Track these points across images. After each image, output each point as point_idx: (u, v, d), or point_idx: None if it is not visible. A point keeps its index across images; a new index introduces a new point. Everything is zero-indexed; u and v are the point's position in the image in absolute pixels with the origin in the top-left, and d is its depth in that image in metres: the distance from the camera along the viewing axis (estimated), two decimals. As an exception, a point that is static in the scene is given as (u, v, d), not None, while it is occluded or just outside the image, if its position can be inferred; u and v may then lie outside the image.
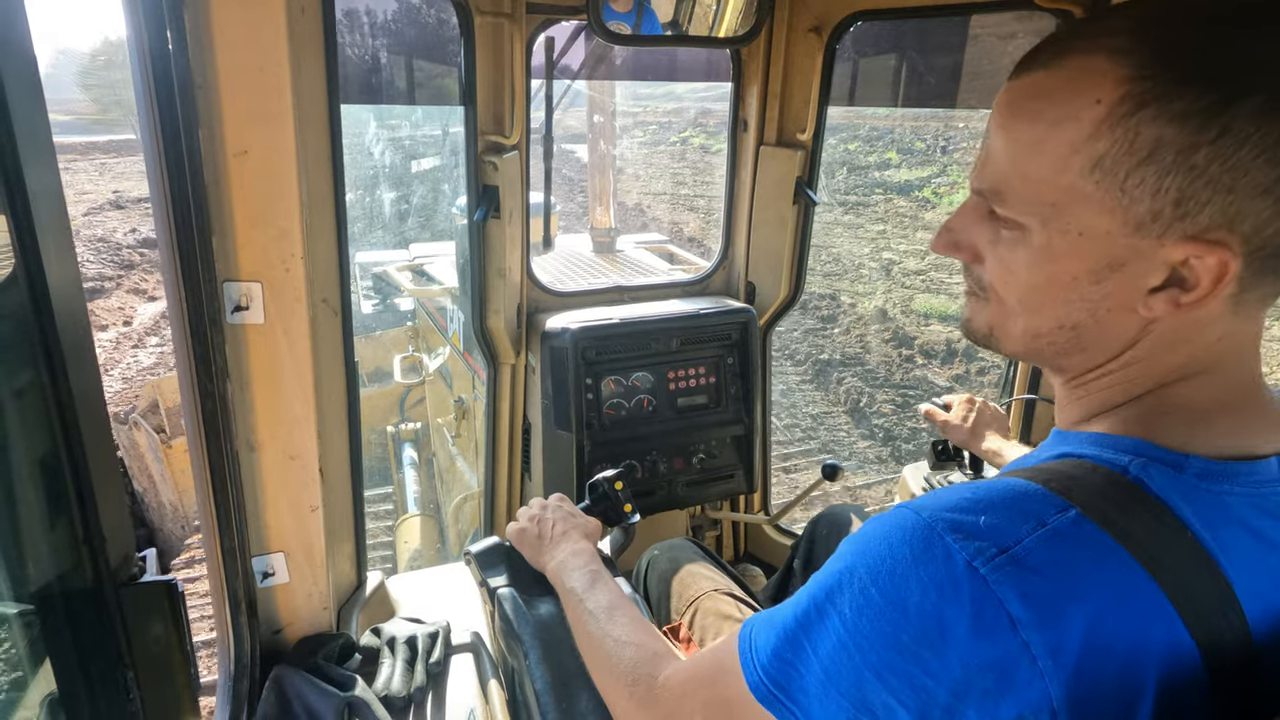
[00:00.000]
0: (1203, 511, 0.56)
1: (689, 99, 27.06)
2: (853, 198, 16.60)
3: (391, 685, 1.17)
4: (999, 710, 0.54)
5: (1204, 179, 0.53)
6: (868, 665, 0.58)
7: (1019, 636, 0.53)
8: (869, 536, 0.61)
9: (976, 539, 0.55)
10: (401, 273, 5.07)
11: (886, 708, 0.57)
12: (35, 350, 0.76)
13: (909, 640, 0.56)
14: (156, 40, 0.85)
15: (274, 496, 1.13)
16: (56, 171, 0.75)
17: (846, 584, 0.60)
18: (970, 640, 0.54)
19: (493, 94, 1.91)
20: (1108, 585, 0.54)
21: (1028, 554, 0.54)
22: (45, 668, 0.87)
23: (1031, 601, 0.53)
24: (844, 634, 0.59)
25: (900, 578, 0.57)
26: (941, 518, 0.57)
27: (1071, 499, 0.56)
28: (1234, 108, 0.51)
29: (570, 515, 1.34)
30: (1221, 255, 0.54)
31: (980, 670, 0.54)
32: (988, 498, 0.58)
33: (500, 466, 2.37)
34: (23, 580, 0.84)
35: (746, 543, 2.82)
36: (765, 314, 2.42)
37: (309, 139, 1.02)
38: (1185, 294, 0.57)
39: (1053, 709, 0.53)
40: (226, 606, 1.09)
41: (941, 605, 0.55)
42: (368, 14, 2.55)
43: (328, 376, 1.16)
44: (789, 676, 0.64)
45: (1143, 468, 0.58)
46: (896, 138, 19.27)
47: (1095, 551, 0.54)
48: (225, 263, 0.99)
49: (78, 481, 0.81)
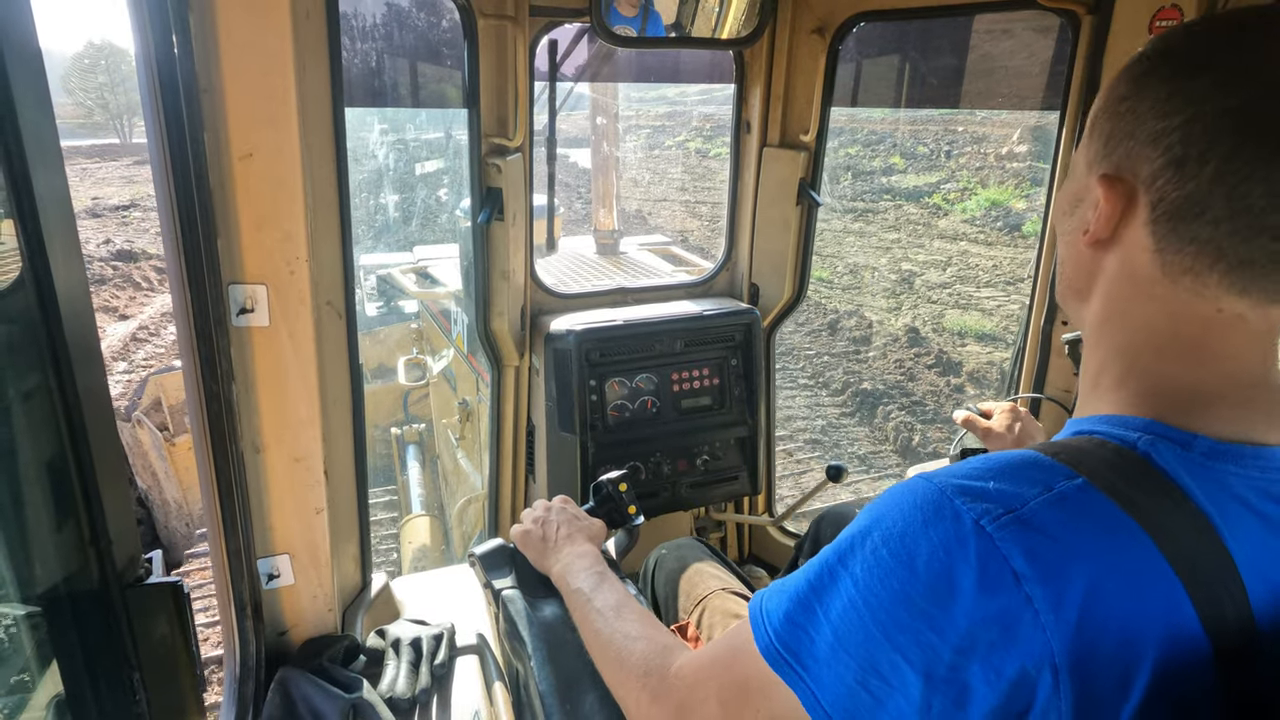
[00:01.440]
0: (1208, 489, 0.58)
1: (681, 103, 26.86)
2: (861, 204, 16.17)
3: (396, 687, 1.17)
4: (1002, 664, 0.55)
5: (1121, 123, 0.62)
6: (876, 623, 0.59)
7: (1022, 590, 0.54)
8: (882, 502, 0.63)
9: (984, 500, 0.57)
10: (406, 275, 5.08)
11: (893, 666, 0.58)
12: (42, 352, 0.77)
13: (917, 597, 0.57)
14: (162, 44, 0.85)
15: (279, 498, 1.14)
16: (63, 175, 0.75)
17: (859, 546, 0.62)
18: (975, 596, 0.55)
19: (496, 97, 1.91)
20: (1111, 548, 0.55)
21: (1033, 515, 0.56)
22: (52, 669, 0.87)
23: (1035, 557, 0.54)
24: (854, 594, 0.61)
25: (910, 538, 0.59)
26: (952, 483, 0.60)
27: (1079, 469, 0.58)
28: (1156, 69, 0.60)
29: (574, 518, 1.34)
30: (1116, 193, 0.62)
31: (984, 624, 0.55)
32: (998, 466, 0.60)
33: (504, 468, 2.37)
34: (29, 582, 0.85)
35: (751, 544, 2.81)
36: (769, 315, 2.42)
37: (313, 142, 1.03)
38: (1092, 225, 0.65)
39: (1054, 664, 0.53)
40: (232, 608, 1.10)
41: (949, 563, 0.57)
42: (372, 18, 2.56)
43: (332, 378, 1.16)
44: (800, 640, 0.65)
45: (1151, 444, 0.60)
46: (898, 142, 18.97)
47: (1100, 516, 0.56)
48: (230, 265, 1.00)
49: (84, 483, 0.82)
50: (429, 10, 2.51)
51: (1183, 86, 0.58)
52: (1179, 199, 0.58)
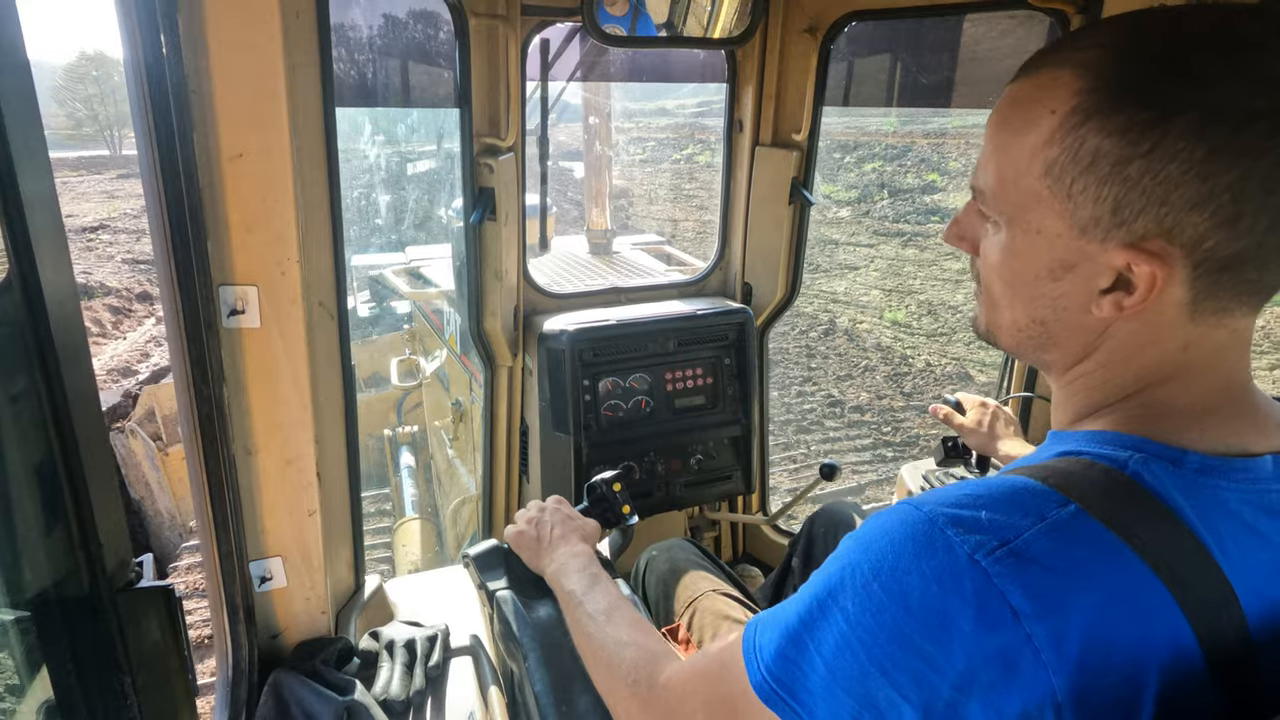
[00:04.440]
0: (1200, 507, 0.57)
1: (680, 114, 26.49)
2: (908, 226, 14.82)
3: (390, 689, 1.16)
4: (1002, 703, 0.54)
5: (1137, 190, 0.55)
6: (871, 660, 0.58)
7: (1022, 628, 0.53)
8: (870, 533, 0.62)
9: (978, 532, 0.56)
10: (398, 276, 5.06)
11: (890, 703, 0.57)
12: (30, 355, 0.76)
13: (912, 633, 0.56)
14: (150, 45, 0.85)
15: (271, 501, 1.13)
16: (50, 176, 0.74)
17: (849, 581, 0.61)
18: (973, 633, 0.54)
19: (488, 96, 1.91)
20: (1109, 578, 0.54)
21: (1028, 547, 0.54)
22: (42, 674, 0.86)
23: (1033, 593, 0.53)
24: (847, 630, 0.59)
25: (902, 572, 0.57)
26: (942, 513, 0.58)
27: (1070, 494, 0.57)
28: (1166, 123, 0.53)
29: (569, 518, 1.34)
30: (1155, 265, 0.57)
31: (984, 662, 0.54)
32: (988, 494, 0.59)
33: (498, 469, 2.37)
34: (18, 586, 0.84)
35: (745, 543, 2.82)
36: (762, 314, 2.42)
37: (304, 142, 1.02)
38: (1128, 298, 0.59)
39: (1056, 702, 0.53)
40: (224, 611, 1.09)
41: (944, 598, 0.55)
42: (363, 17, 2.55)
43: (324, 380, 1.15)
44: (793, 676, 0.64)
45: (1142, 463, 0.59)
46: (924, 157, 17.77)
47: (1096, 545, 0.55)
48: (221, 266, 0.99)
49: (74, 486, 0.81)
50: (420, 9, 2.50)
51: (1221, 143, 0.52)
52: (1230, 255, 0.55)
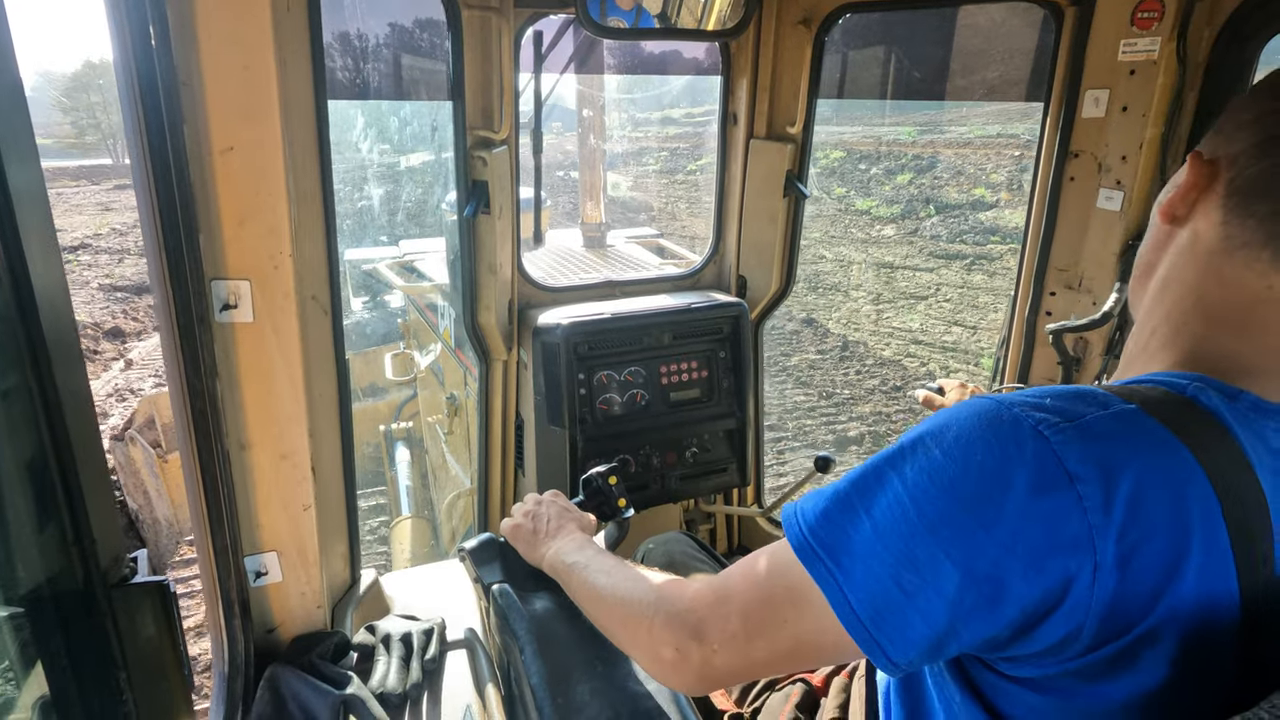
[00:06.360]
0: (1249, 437, 0.60)
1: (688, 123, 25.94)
2: (966, 247, 13.50)
3: (387, 682, 1.17)
4: (1044, 562, 0.56)
5: (1230, 113, 0.66)
6: (922, 518, 0.60)
7: (1074, 490, 0.56)
8: (938, 415, 0.64)
9: (1044, 411, 0.59)
10: (392, 270, 5.05)
11: (931, 559, 0.59)
12: (21, 351, 0.75)
13: (968, 493, 0.59)
14: (139, 38, 0.84)
15: (266, 495, 1.13)
16: (40, 172, 0.74)
17: (910, 451, 0.63)
18: (1027, 495, 0.57)
19: (481, 89, 1.90)
20: (1161, 461, 0.57)
21: (1090, 425, 0.58)
22: (37, 671, 0.86)
23: (1089, 460, 0.56)
24: (902, 492, 0.62)
25: (966, 440, 0.60)
26: (1010, 398, 0.62)
27: (1132, 399, 0.61)
28: (1245, 68, 0.67)
29: (565, 510, 1.34)
30: (1199, 168, 0.66)
31: (1032, 522, 0.56)
32: (1054, 391, 0.63)
33: (493, 463, 2.37)
34: (13, 583, 0.84)
35: (740, 535, 2.83)
36: (757, 307, 2.42)
37: (296, 135, 1.02)
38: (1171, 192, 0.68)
39: (1095, 561, 0.55)
40: (220, 606, 1.09)
41: (1004, 460, 0.58)
42: (354, 10, 2.53)
43: (318, 374, 1.15)
44: (834, 536, 0.65)
45: (1200, 390, 0.62)
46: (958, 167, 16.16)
47: (1152, 434, 0.58)
48: (213, 261, 0.98)
49: (66, 482, 0.81)
50: (413, 1, 2.48)
51: (1267, 84, 0.63)
52: (1254, 175, 0.62)
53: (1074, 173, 1.80)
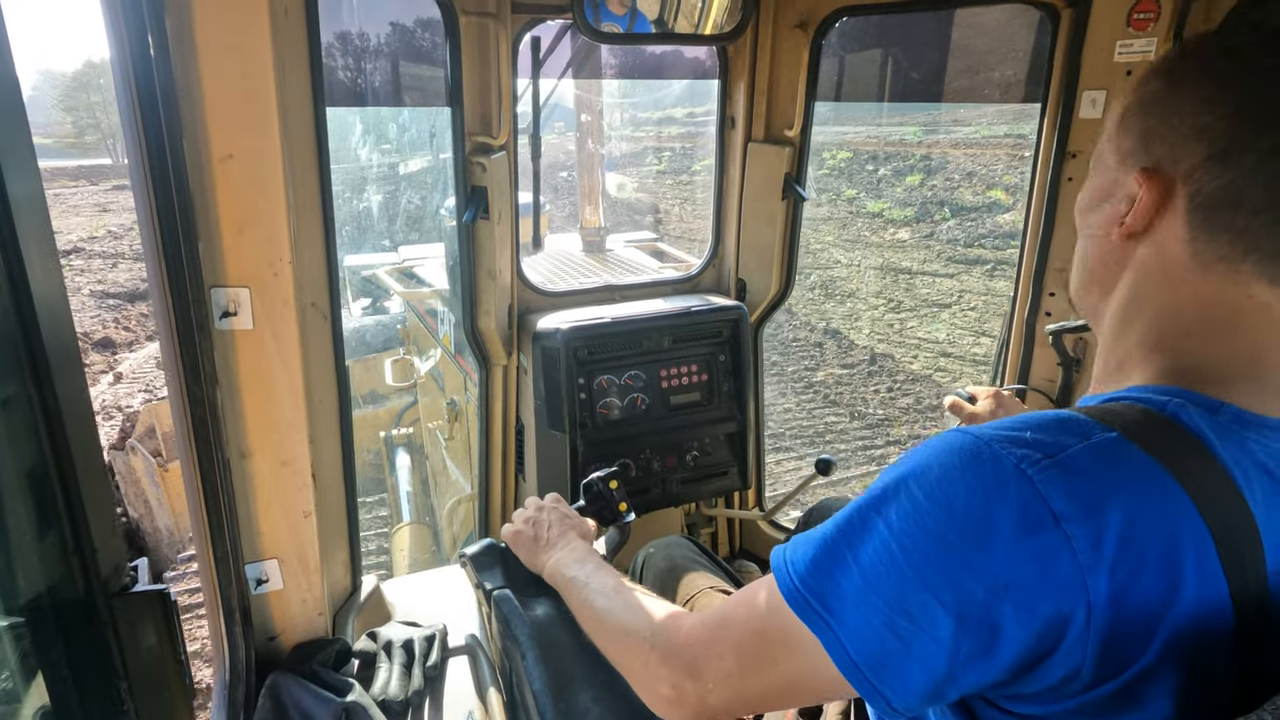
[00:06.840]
0: (1232, 452, 0.59)
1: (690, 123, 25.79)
2: (985, 252, 12.99)
3: (389, 689, 1.16)
4: (1036, 604, 0.56)
5: (1159, 119, 0.64)
6: (910, 565, 0.59)
7: (1061, 530, 0.55)
8: (917, 452, 0.64)
9: (1024, 447, 0.58)
10: (392, 276, 5.05)
11: (924, 607, 0.59)
12: (20, 359, 0.75)
13: (955, 538, 0.58)
14: (138, 46, 0.84)
15: (266, 503, 1.13)
16: (38, 178, 0.74)
17: (893, 494, 0.62)
18: (1014, 537, 0.56)
19: (479, 94, 1.90)
20: (1146, 490, 0.56)
21: (1072, 460, 0.57)
22: (38, 681, 0.86)
23: (1074, 498, 0.56)
24: (888, 538, 0.61)
25: (948, 482, 0.59)
26: (989, 433, 0.61)
27: (1113, 424, 0.60)
28: (1187, 59, 0.63)
29: (565, 516, 1.34)
30: (1156, 187, 0.64)
31: (1021, 564, 0.56)
32: (1033, 421, 0.62)
33: (494, 468, 2.37)
34: (12, 592, 0.84)
35: (742, 539, 2.82)
36: (756, 310, 2.42)
37: (295, 143, 1.02)
38: (1127, 215, 0.66)
39: (1089, 601, 0.55)
40: (220, 614, 1.09)
41: (989, 504, 0.57)
42: (353, 16, 2.53)
43: (318, 381, 1.15)
44: (825, 585, 0.64)
45: (1180, 407, 0.61)
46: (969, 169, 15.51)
47: (1136, 463, 0.57)
48: (212, 269, 0.98)
49: (66, 491, 0.81)
50: (410, 8, 2.49)
51: (1226, 82, 0.60)
52: (1217, 189, 0.60)
53: (1072, 173, 1.80)
